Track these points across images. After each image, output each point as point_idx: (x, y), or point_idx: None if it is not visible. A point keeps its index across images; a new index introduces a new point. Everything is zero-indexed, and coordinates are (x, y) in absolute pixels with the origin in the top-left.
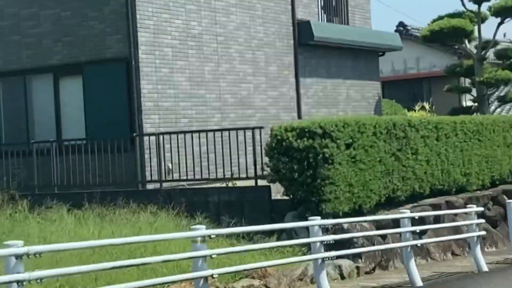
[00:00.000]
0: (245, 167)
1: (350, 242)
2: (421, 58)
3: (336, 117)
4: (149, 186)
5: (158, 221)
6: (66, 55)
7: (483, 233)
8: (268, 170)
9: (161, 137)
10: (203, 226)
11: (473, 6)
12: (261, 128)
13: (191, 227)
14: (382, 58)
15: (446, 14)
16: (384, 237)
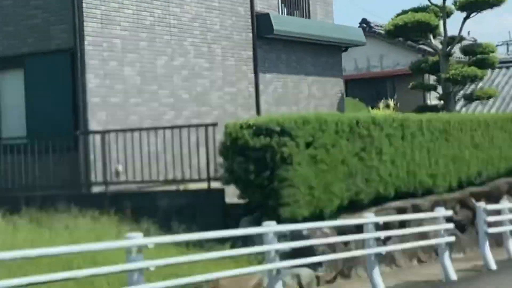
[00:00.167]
0: (198, 169)
1: (310, 249)
2: (384, 56)
3: (295, 113)
4: (95, 189)
5: (100, 227)
6: (6, 47)
7: (452, 239)
8: (222, 172)
9: (106, 135)
10: (140, 234)
11: (438, 0)
12: (214, 125)
13: (126, 236)
14: (345, 55)
15: (410, 8)
16: (346, 243)
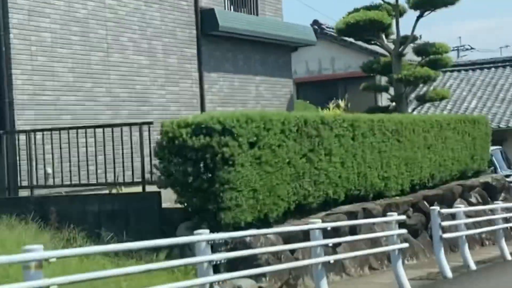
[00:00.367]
0: (132, 171)
1: (253, 258)
2: (336, 59)
3: (238, 111)
4: (22, 193)
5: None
6: None
7: (406, 245)
8: (158, 174)
9: (33, 135)
10: (40, 246)
11: None
12: (149, 123)
13: (23, 249)
14: (296, 58)
15: (362, 6)
16: (293, 251)
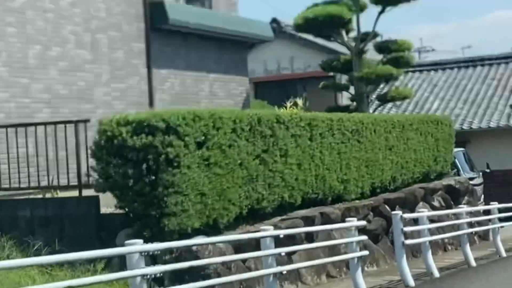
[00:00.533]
0: (69, 173)
1: (201, 268)
2: (295, 58)
3: (185, 108)
4: None
5: None
6: None
7: (365, 253)
8: (95, 176)
9: None
10: None
11: None
12: (86, 121)
13: None
14: (254, 57)
15: (322, 1)
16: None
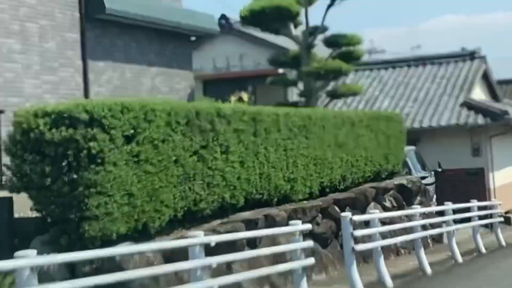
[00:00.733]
0: None
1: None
2: (245, 55)
3: (111, 99)
4: None
5: None
6: None
7: (311, 261)
8: (9, 174)
9: None
10: None
11: None
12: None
13: None
14: (202, 54)
15: None
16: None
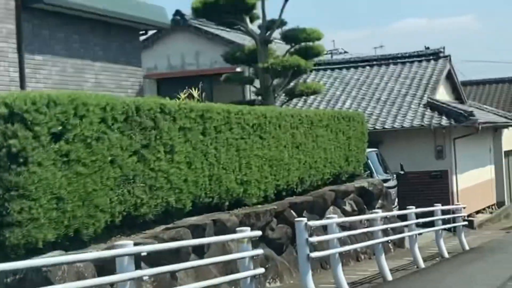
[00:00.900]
0: None
1: None
2: (201, 53)
3: (36, 91)
4: None
5: None
6: None
7: (261, 271)
8: None
9: None
10: None
11: None
12: None
13: None
14: (156, 52)
15: None
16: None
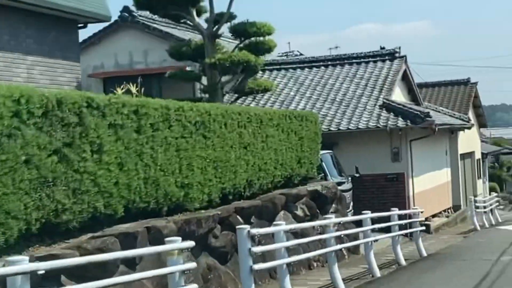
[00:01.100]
0: None
1: None
2: (150, 51)
3: None
4: None
5: None
6: None
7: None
8: None
9: None
10: None
11: None
12: None
13: None
14: (103, 50)
15: None
16: None
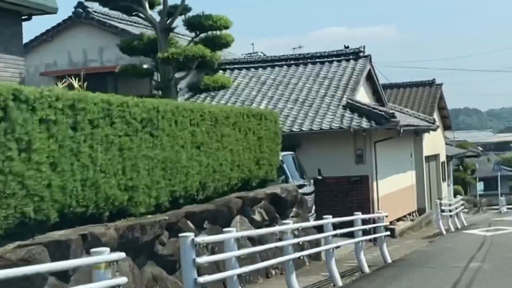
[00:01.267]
0: None
1: None
2: (105, 49)
3: None
4: None
5: None
6: None
7: None
8: None
9: None
10: None
11: None
12: None
13: None
14: (56, 47)
15: None
16: None
